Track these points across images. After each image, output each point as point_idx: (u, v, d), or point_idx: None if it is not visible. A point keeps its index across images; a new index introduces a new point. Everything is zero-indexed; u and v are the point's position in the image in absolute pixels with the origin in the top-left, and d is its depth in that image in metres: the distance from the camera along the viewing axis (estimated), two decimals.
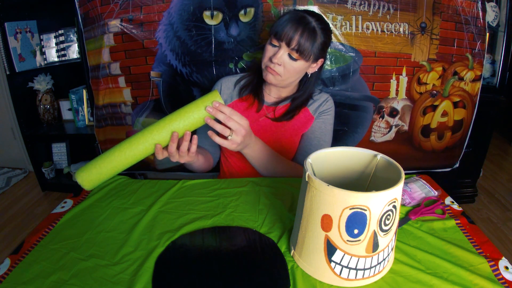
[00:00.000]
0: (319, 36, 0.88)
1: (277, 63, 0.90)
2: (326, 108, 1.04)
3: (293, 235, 0.64)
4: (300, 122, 1.03)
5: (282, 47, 0.88)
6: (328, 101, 1.05)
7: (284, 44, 0.88)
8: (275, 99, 1.04)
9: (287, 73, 0.92)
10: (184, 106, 0.77)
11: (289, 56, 0.89)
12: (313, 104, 1.04)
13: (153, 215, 0.77)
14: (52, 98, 2.05)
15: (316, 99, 1.04)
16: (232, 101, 1.05)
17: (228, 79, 1.08)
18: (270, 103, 1.04)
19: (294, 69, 0.91)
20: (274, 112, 1.03)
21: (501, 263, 0.61)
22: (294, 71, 0.92)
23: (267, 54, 0.92)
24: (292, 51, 0.88)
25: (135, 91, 1.50)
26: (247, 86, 1.04)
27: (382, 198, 0.51)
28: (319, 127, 1.04)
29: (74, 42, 1.93)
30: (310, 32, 0.86)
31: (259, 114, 1.04)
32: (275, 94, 1.04)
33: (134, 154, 0.75)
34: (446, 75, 1.42)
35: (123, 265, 0.63)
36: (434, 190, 0.82)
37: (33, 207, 2.01)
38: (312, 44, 0.87)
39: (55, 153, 2.23)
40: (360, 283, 0.57)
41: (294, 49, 0.87)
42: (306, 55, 0.88)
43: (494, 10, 1.52)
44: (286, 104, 1.04)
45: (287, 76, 0.93)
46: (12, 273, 0.61)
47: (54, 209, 0.81)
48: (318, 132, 1.04)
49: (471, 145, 1.60)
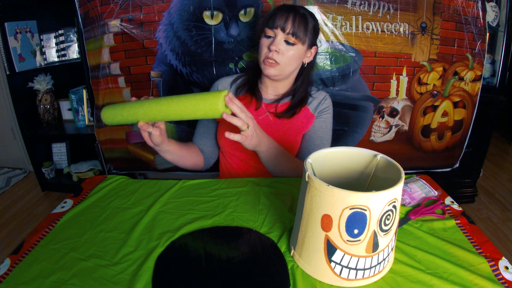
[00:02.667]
0: (309, 20, 0.93)
1: (275, 50, 0.91)
2: (326, 107, 1.05)
3: (293, 235, 0.64)
4: (301, 122, 1.03)
5: (277, 34, 0.92)
6: (327, 99, 1.06)
7: (279, 31, 0.91)
8: (274, 96, 1.04)
9: (286, 60, 0.93)
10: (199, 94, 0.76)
11: (286, 42, 0.92)
12: (312, 103, 1.04)
13: (153, 215, 0.77)
14: (52, 98, 2.05)
15: (315, 97, 1.05)
16: None
17: (224, 80, 1.09)
18: (270, 100, 1.04)
19: (293, 55, 0.93)
20: (276, 109, 1.03)
21: (501, 263, 0.61)
22: (293, 57, 0.94)
23: (264, 45, 0.94)
24: (288, 36, 0.91)
25: (135, 91, 1.50)
26: (243, 85, 1.05)
27: (382, 198, 0.51)
28: (320, 126, 1.04)
29: (74, 42, 1.93)
30: (301, 16, 0.91)
31: (259, 112, 1.04)
32: (272, 91, 1.04)
33: (154, 112, 0.78)
34: (446, 75, 1.42)
35: (123, 265, 0.63)
36: (434, 190, 0.82)
37: (33, 207, 2.01)
38: (305, 27, 0.92)
39: (55, 153, 2.23)
40: (360, 283, 0.57)
41: (290, 33, 0.91)
42: (302, 37, 0.92)
43: (494, 10, 1.52)
44: (286, 102, 1.04)
45: (286, 64, 0.94)
46: (12, 273, 0.61)
47: (54, 209, 0.81)
48: (320, 131, 1.04)
49: (471, 145, 1.60)
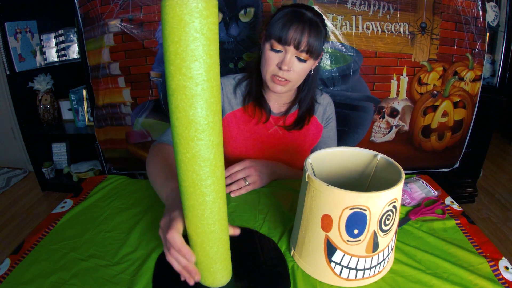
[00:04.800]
0: (321, 30, 0.83)
1: (287, 70, 0.83)
2: (330, 113, 1.03)
3: (293, 235, 0.64)
4: (312, 133, 1.01)
5: (288, 51, 0.82)
6: (331, 104, 1.04)
7: (291, 48, 0.81)
8: (278, 105, 0.99)
9: (296, 76, 0.86)
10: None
11: (298, 58, 0.83)
12: (319, 110, 1.01)
13: (153, 215, 0.77)
14: (52, 98, 2.05)
15: (320, 103, 1.01)
16: (236, 108, 0.99)
17: (227, 80, 1.00)
18: (277, 113, 0.99)
19: (304, 71, 0.86)
20: (284, 121, 0.99)
21: (501, 263, 0.61)
22: (304, 73, 0.87)
23: (271, 62, 0.84)
24: (300, 53, 0.82)
25: (134, 92, 1.50)
26: (248, 94, 0.97)
27: (382, 198, 0.51)
28: (328, 136, 1.04)
29: (74, 42, 1.93)
30: (315, 29, 0.81)
31: (267, 126, 0.99)
32: (275, 101, 0.99)
33: None
34: (446, 75, 1.42)
35: (123, 265, 0.63)
36: (434, 190, 0.82)
37: (33, 207, 2.00)
38: (320, 40, 0.82)
39: (55, 153, 2.23)
40: (360, 283, 0.57)
41: (304, 50, 0.81)
42: (316, 54, 0.83)
43: (494, 10, 1.52)
44: (293, 112, 0.99)
45: (297, 80, 0.88)
46: (12, 273, 0.61)
47: (54, 209, 0.81)
48: (329, 141, 1.04)
49: (471, 145, 1.60)
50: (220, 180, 0.48)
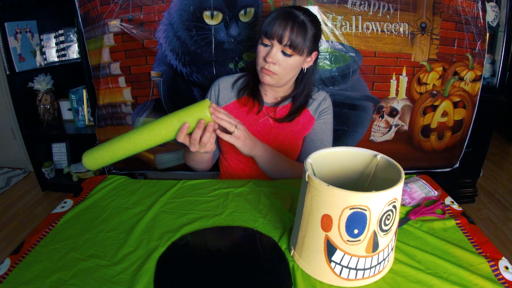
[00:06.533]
0: (309, 28, 0.88)
1: (271, 62, 0.89)
2: (325, 107, 1.04)
3: (293, 235, 0.64)
4: (301, 124, 1.03)
5: (274, 45, 0.88)
6: (327, 100, 1.05)
7: (276, 42, 0.88)
8: (274, 99, 1.03)
9: (283, 70, 0.91)
10: (182, 110, 0.77)
11: (283, 53, 0.89)
12: (312, 104, 1.04)
13: (153, 215, 0.77)
14: (52, 98, 2.05)
15: (315, 98, 1.04)
16: (230, 102, 1.05)
17: (225, 79, 1.07)
18: (270, 103, 1.04)
19: (290, 65, 0.91)
20: (275, 113, 1.03)
21: (501, 263, 0.61)
22: (290, 68, 0.92)
23: (260, 55, 0.92)
24: (285, 48, 0.88)
25: (135, 91, 1.50)
26: (245, 87, 1.03)
27: (382, 198, 0.51)
28: (320, 128, 1.04)
29: (74, 42, 1.93)
30: (300, 25, 0.87)
31: (259, 115, 1.03)
32: (271, 95, 1.03)
33: (135, 144, 0.76)
34: (446, 75, 1.42)
35: (123, 265, 0.63)
36: (434, 190, 0.82)
37: (33, 207, 2.00)
38: (304, 37, 0.87)
39: (55, 153, 2.23)
40: (360, 283, 0.57)
41: (287, 45, 0.87)
42: (300, 49, 0.88)
43: (494, 10, 1.52)
44: (286, 105, 1.03)
45: (284, 74, 0.93)
46: (12, 273, 0.61)
47: (54, 209, 0.81)
48: (320, 133, 1.04)
49: (471, 145, 1.60)
50: None
